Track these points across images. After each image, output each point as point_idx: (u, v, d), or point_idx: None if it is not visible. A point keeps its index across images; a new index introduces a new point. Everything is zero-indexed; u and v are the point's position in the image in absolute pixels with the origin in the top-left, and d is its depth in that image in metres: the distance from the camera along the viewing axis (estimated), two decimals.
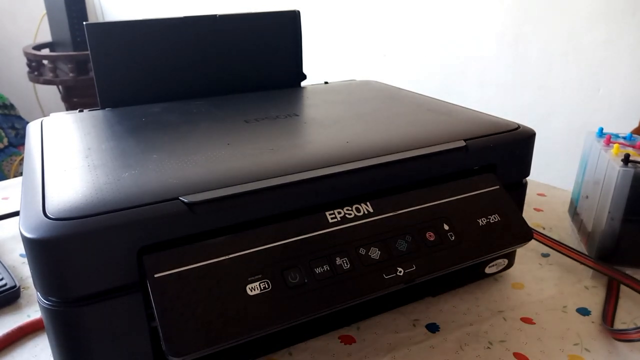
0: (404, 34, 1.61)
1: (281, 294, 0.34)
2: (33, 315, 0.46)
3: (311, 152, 0.43)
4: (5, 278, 0.50)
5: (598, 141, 0.56)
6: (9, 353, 0.42)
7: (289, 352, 0.42)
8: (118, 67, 0.58)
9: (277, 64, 0.66)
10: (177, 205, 0.33)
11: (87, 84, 1.87)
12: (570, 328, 0.45)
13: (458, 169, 0.45)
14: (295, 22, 0.66)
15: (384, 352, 0.42)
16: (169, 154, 0.41)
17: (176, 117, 0.52)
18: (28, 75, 1.94)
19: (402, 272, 0.38)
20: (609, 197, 0.50)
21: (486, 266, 0.49)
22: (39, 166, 0.40)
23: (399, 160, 0.41)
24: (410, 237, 0.40)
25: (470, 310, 0.47)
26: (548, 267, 0.54)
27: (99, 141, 0.45)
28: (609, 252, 0.51)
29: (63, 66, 1.89)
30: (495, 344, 0.43)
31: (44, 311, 0.33)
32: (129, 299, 0.33)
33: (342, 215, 0.38)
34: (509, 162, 0.47)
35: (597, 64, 1.21)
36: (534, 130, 0.48)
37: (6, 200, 0.70)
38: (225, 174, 0.37)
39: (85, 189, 0.34)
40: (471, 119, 0.51)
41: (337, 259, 0.37)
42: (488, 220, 0.43)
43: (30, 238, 0.30)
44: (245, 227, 0.35)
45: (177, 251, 0.33)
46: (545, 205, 0.68)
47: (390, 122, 0.51)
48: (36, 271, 0.32)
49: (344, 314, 0.44)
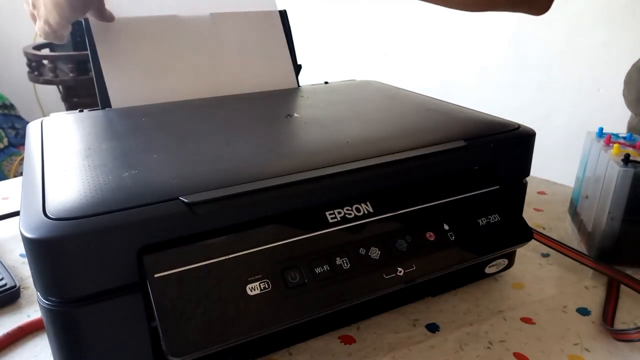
0: (404, 34, 1.61)
1: (281, 294, 0.34)
2: (33, 315, 0.46)
3: (311, 152, 0.43)
4: (5, 278, 0.50)
5: (598, 141, 0.56)
6: (9, 353, 0.42)
7: (289, 352, 0.42)
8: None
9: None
10: (177, 205, 0.33)
11: (87, 84, 1.87)
12: (570, 328, 0.45)
13: (458, 169, 0.45)
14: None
15: (384, 352, 0.42)
16: (169, 154, 0.41)
17: (176, 117, 0.52)
18: (28, 75, 1.94)
19: (402, 272, 0.38)
20: (609, 197, 0.50)
21: (486, 266, 0.49)
22: (39, 166, 0.40)
23: (399, 160, 0.41)
24: (410, 237, 0.40)
25: (470, 310, 0.47)
26: (548, 267, 0.54)
27: (99, 141, 0.45)
28: (609, 252, 0.51)
29: (63, 66, 1.89)
30: (495, 344, 0.43)
31: (44, 311, 0.33)
32: (129, 299, 0.33)
33: (342, 215, 0.38)
34: (509, 162, 0.47)
35: (597, 64, 1.21)
36: (534, 130, 0.48)
37: (6, 200, 0.70)
38: (225, 174, 0.37)
39: (85, 189, 0.34)
40: (471, 119, 0.51)
41: (337, 259, 0.37)
42: (488, 220, 0.43)
43: (30, 238, 0.30)
44: (245, 227, 0.35)
45: (177, 251, 0.33)
46: (545, 205, 0.68)
47: (390, 122, 0.51)
48: (36, 271, 0.32)
49: (344, 314, 0.44)
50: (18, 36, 2.15)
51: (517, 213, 0.47)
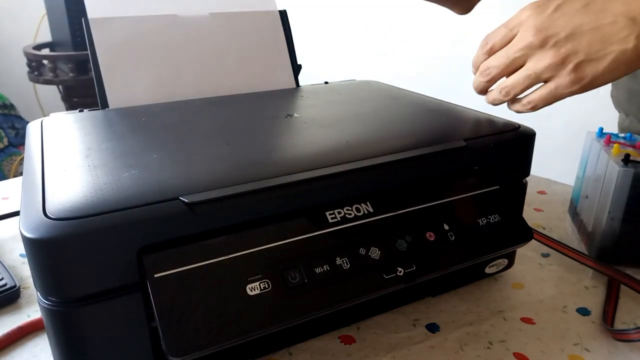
0: (404, 34, 1.61)
1: (281, 294, 0.34)
2: (33, 315, 0.46)
3: (311, 152, 0.43)
4: (5, 278, 0.50)
5: (598, 141, 0.56)
6: (9, 353, 0.42)
7: (289, 352, 0.42)
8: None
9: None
10: (177, 205, 0.33)
11: (87, 84, 1.86)
12: (570, 328, 0.45)
13: (458, 169, 0.45)
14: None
15: (384, 352, 0.42)
16: (169, 154, 0.41)
17: (176, 117, 0.52)
18: (28, 75, 1.94)
19: (402, 272, 0.38)
20: (609, 197, 0.50)
21: (486, 266, 0.49)
22: (39, 166, 0.40)
23: (399, 160, 0.41)
24: (410, 237, 0.40)
25: (470, 310, 0.47)
26: (548, 267, 0.54)
27: (99, 141, 0.45)
28: (609, 252, 0.51)
29: (63, 66, 1.89)
30: (495, 344, 0.43)
31: (44, 311, 0.33)
32: (129, 299, 0.33)
33: (342, 215, 0.38)
34: (509, 162, 0.47)
35: None
36: (534, 130, 0.48)
37: (6, 200, 0.70)
38: (225, 174, 0.37)
39: (86, 189, 0.34)
40: (471, 119, 0.51)
41: (337, 259, 0.37)
42: (488, 220, 0.43)
43: (30, 238, 0.30)
44: (245, 227, 0.35)
45: (177, 251, 0.33)
46: (545, 205, 0.68)
47: (390, 122, 0.51)
48: (36, 271, 0.32)
49: (344, 314, 0.44)
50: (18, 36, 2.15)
51: (517, 213, 0.47)
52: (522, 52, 0.43)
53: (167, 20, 0.60)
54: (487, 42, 0.46)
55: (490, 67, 0.45)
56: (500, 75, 0.45)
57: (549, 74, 0.42)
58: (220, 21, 0.63)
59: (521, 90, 0.45)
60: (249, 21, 0.65)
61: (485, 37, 0.47)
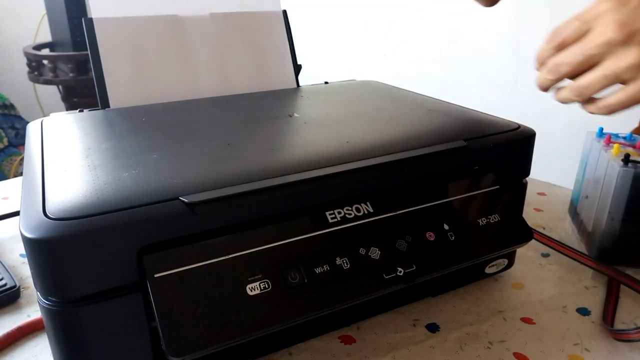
0: (404, 34, 1.61)
1: (281, 294, 0.34)
2: (33, 315, 0.46)
3: (311, 152, 0.43)
4: (5, 278, 0.50)
5: (598, 141, 0.56)
6: (9, 353, 0.42)
7: (289, 352, 0.42)
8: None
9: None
10: (177, 205, 0.33)
11: (87, 84, 1.87)
12: (570, 328, 0.45)
13: (458, 169, 0.45)
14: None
15: (384, 352, 0.42)
16: (169, 154, 0.41)
17: (176, 117, 0.52)
18: (28, 75, 1.94)
19: (402, 272, 0.38)
20: (609, 197, 0.50)
21: (486, 266, 0.49)
22: (39, 166, 0.40)
23: (399, 160, 0.41)
24: (410, 237, 0.40)
25: (470, 310, 0.47)
26: (548, 267, 0.54)
27: (99, 141, 0.45)
28: (609, 252, 0.51)
29: (63, 66, 1.89)
30: (495, 344, 0.43)
31: (44, 311, 0.33)
32: (128, 299, 0.33)
33: (342, 215, 0.38)
34: (509, 162, 0.47)
35: None
36: (534, 130, 0.48)
37: (6, 200, 0.70)
38: (225, 174, 0.37)
39: (85, 189, 0.34)
40: (471, 119, 0.51)
41: (337, 259, 0.37)
42: (488, 220, 0.43)
43: (30, 238, 0.30)
44: (245, 227, 0.35)
45: (177, 251, 0.33)
46: (545, 205, 0.68)
47: (390, 122, 0.51)
48: (36, 271, 0.32)
49: (344, 314, 0.44)
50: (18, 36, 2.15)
51: (517, 213, 0.47)
52: (600, 49, 0.37)
53: (168, 20, 0.60)
54: (555, 36, 0.40)
55: (561, 63, 0.40)
56: (571, 73, 0.40)
57: (630, 75, 0.37)
58: (221, 21, 0.63)
59: (596, 91, 0.40)
60: (249, 21, 0.65)
61: (553, 30, 0.41)
